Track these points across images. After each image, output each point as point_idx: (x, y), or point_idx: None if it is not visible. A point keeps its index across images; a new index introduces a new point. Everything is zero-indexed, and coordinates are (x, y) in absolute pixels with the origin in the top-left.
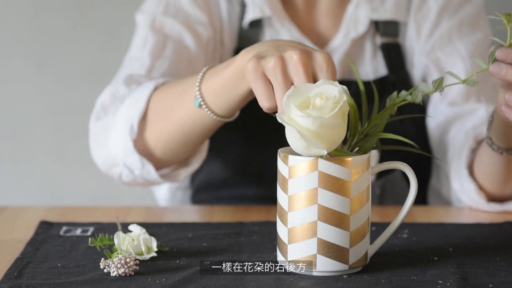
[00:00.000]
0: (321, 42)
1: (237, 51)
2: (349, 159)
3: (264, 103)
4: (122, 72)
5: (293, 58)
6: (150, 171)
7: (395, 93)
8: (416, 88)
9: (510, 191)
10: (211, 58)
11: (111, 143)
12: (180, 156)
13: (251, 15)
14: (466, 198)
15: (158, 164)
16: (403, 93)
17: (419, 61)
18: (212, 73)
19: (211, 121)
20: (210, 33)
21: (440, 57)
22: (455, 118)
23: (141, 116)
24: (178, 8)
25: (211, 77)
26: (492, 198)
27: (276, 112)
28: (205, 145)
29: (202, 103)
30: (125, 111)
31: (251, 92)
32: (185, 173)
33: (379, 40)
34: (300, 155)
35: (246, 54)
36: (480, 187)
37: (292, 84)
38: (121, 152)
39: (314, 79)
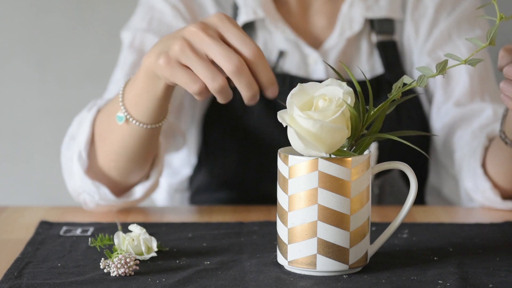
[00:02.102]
0: (316, 42)
1: None
2: (349, 159)
3: (192, 88)
4: (104, 95)
5: (193, 32)
6: (106, 193)
7: (400, 80)
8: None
9: None
10: None
11: (74, 173)
12: (136, 172)
13: (244, 17)
14: (480, 197)
15: (118, 186)
16: (407, 79)
17: (420, 60)
18: (129, 86)
19: (143, 130)
20: None
21: (441, 57)
22: (461, 119)
23: (87, 143)
24: (161, 22)
25: (128, 89)
26: (507, 196)
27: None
28: (161, 157)
29: (128, 116)
30: (77, 140)
31: (166, 91)
32: (143, 188)
33: (374, 38)
34: (301, 154)
35: (148, 56)
36: (495, 185)
37: (206, 55)
38: (78, 179)
39: (224, 40)
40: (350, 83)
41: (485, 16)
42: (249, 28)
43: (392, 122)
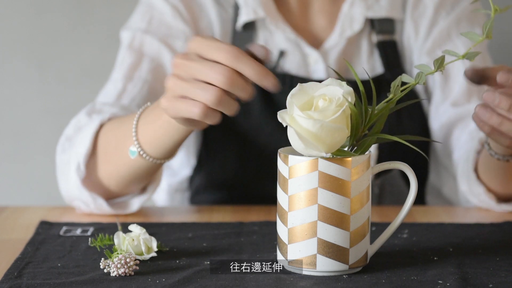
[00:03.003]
0: (316, 42)
1: None
2: (349, 159)
3: (195, 111)
4: (98, 96)
5: (176, 65)
6: (102, 205)
7: (398, 78)
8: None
9: None
10: None
11: (70, 178)
12: (134, 188)
13: (244, 17)
14: (475, 200)
15: (114, 195)
16: (405, 77)
17: (419, 60)
18: (145, 123)
19: (155, 164)
20: None
21: (435, 57)
22: (458, 119)
23: (86, 156)
24: (160, 22)
25: (145, 128)
26: (502, 199)
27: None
28: (159, 175)
29: (141, 152)
30: (75, 149)
31: (186, 133)
32: (139, 201)
33: (375, 38)
34: (301, 154)
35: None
36: (489, 189)
37: (196, 79)
38: (75, 188)
39: (207, 58)
40: (350, 83)
41: (480, 10)
42: (249, 28)
43: (393, 122)
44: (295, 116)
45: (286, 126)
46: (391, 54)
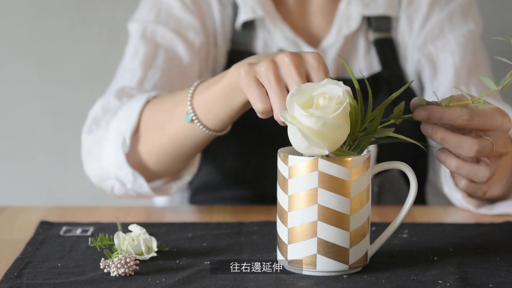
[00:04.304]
0: (314, 41)
1: (230, 53)
2: (349, 159)
3: (258, 106)
4: (115, 84)
5: (284, 61)
6: (142, 185)
7: (401, 104)
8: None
9: (494, 193)
10: (205, 63)
11: (103, 157)
12: (173, 168)
13: (243, 16)
14: (457, 203)
15: (151, 177)
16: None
17: (412, 56)
18: (203, 88)
19: (204, 135)
20: (202, 38)
21: (432, 51)
22: None
23: (133, 130)
24: (169, 15)
25: (202, 91)
26: (482, 201)
27: (272, 116)
28: (197, 158)
29: (194, 118)
30: (117, 125)
31: (243, 105)
32: (177, 186)
33: (372, 36)
34: (301, 154)
35: (237, 67)
36: (468, 194)
37: (286, 86)
38: (113, 166)
39: (308, 79)
40: (346, 82)
41: (503, 59)
42: (249, 27)
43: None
44: (297, 115)
45: (286, 126)
46: (388, 52)
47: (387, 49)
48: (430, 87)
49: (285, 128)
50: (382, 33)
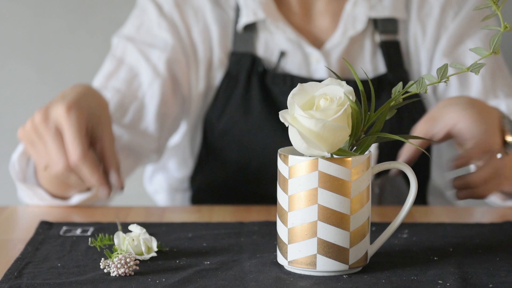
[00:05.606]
0: (318, 41)
1: (232, 55)
2: (349, 159)
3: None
4: None
5: (34, 122)
6: (43, 194)
7: (400, 83)
8: (422, 78)
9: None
10: (176, 80)
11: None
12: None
13: (244, 19)
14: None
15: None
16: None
17: (441, 62)
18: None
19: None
20: (176, 54)
21: (460, 55)
22: None
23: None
24: (147, 30)
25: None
26: (509, 195)
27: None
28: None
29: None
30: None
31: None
32: (78, 198)
33: (378, 38)
34: (301, 154)
35: None
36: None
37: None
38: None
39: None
40: (350, 82)
41: (490, 27)
42: (250, 29)
43: (393, 123)
44: (297, 116)
45: (287, 126)
46: (394, 54)
47: (393, 52)
48: (457, 94)
49: (285, 128)
50: (388, 35)
